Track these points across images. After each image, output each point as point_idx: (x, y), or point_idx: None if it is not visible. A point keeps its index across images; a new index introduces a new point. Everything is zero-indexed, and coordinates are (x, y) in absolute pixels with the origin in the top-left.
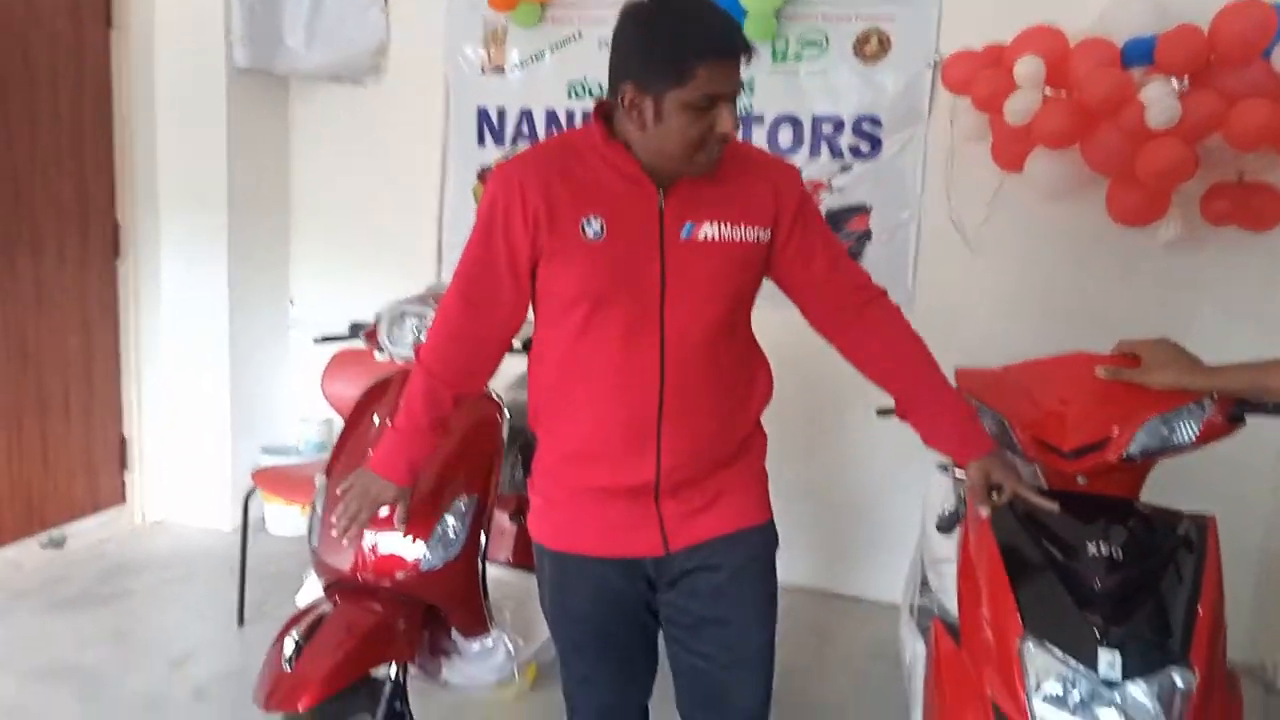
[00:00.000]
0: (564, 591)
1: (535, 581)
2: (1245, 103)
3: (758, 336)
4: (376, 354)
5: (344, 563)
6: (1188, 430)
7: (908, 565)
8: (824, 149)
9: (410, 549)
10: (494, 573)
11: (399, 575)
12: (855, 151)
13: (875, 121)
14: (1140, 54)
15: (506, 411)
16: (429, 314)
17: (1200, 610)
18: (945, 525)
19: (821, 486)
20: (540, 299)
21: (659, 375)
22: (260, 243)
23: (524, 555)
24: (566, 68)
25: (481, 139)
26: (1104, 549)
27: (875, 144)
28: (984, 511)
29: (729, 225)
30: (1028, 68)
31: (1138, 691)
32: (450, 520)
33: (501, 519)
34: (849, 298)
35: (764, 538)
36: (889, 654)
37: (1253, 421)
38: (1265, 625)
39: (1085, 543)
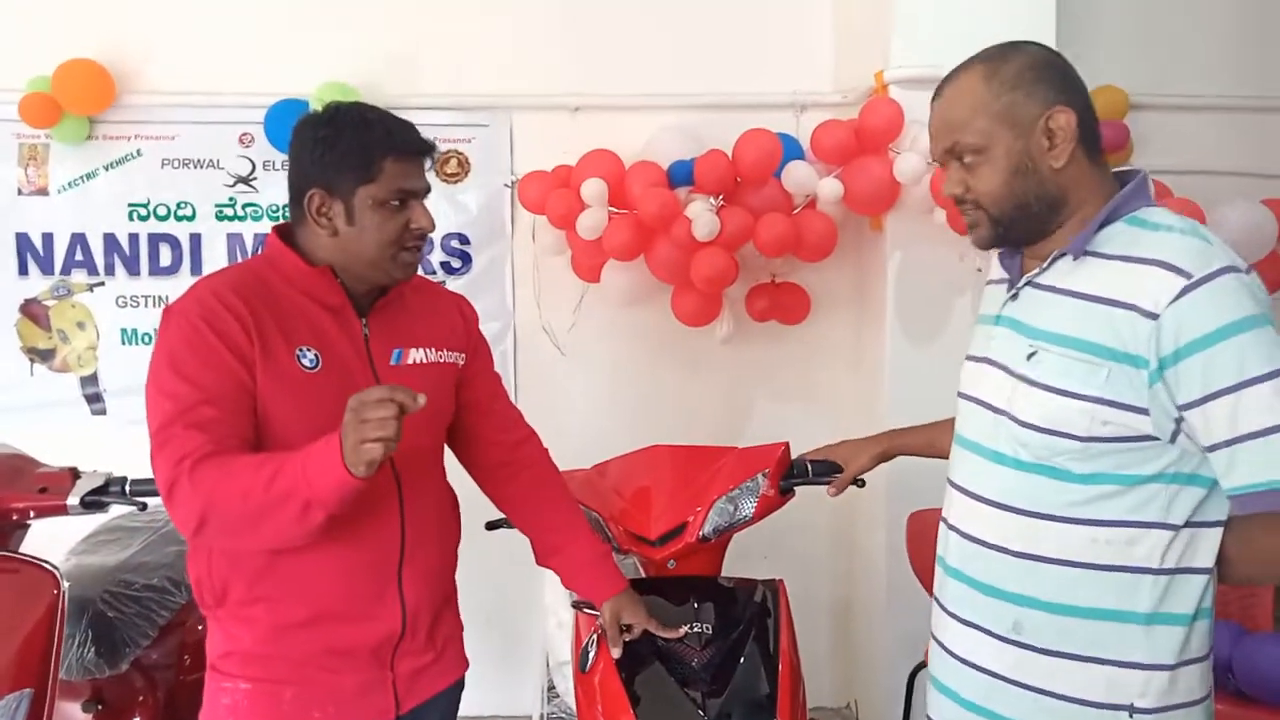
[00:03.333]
0: None
1: None
2: (767, 216)
3: None
4: None
5: None
6: (747, 506)
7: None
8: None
9: None
10: None
11: None
12: (447, 268)
13: (464, 239)
14: (683, 175)
15: (64, 581)
16: None
17: (780, 668)
18: (584, 664)
19: None
20: None
21: (399, 509)
22: None
23: None
24: (125, 188)
25: (24, 268)
26: (697, 626)
27: (466, 259)
28: (615, 652)
29: (434, 350)
30: (592, 188)
31: None
32: None
33: (71, 711)
34: (507, 433)
35: (463, 683)
36: None
37: (808, 490)
38: (844, 668)
39: (681, 624)
